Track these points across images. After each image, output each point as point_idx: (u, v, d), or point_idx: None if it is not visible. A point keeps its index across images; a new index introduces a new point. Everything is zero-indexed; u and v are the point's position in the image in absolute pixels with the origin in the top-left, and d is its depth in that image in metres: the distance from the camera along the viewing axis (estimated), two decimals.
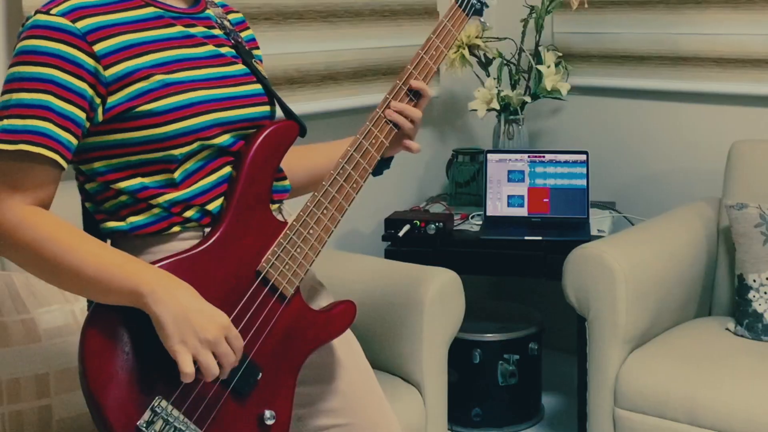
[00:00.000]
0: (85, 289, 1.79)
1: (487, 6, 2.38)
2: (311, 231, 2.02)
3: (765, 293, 3.31)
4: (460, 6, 2.32)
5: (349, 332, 2.23)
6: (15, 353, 2.37)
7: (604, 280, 3.22)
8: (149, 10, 1.94)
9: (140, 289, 1.75)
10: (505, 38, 4.22)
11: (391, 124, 2.16)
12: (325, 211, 2.04)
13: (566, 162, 3.85)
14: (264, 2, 3.55)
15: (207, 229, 1.96)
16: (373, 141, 2.12)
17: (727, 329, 3.40)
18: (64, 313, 2.49)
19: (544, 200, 3.84)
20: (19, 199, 1.79)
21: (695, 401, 3.02)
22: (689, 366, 3.13)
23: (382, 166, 2.26)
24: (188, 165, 1.93)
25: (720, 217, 3.72)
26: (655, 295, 3.34)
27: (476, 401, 3.84)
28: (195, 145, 1.92)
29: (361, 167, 2.10)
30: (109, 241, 1.97)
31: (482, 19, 2.38)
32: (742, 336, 3.33)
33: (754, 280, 3.34)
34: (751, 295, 3.34)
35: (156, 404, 1.79)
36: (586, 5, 4.04)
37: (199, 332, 1.77)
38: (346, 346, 2.23)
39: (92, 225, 1.98)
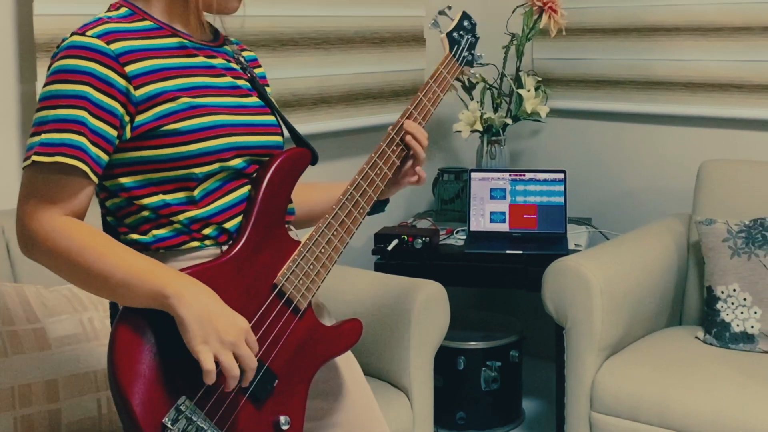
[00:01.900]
0: (114, 293, 1.79)
1: (476, 59, 2.50)
2: (323, 250, 2.03)
3: (732, 304, 3.31)
4: (454, 56, 2.43)
5: (349, 351, 2.23)
6: (27, 360, 2.36)
7: (581, 291, 3.22)
8: (175, 40, 1.95)
9: (166, 291, 1.75)
10: (488, 64, 4.17)
11: (394, 158, 2.19)
12: (335, 233, 2.05)
13: (545, 180, 3.84)
14: (261, 30, 3.56)
15: (224, 247, 1.96)
16: (378, 172, 2.15)
17: (696, 338, 3.40)
18: (72, 323, 2.49)
19: (525, 216, 3.82)
20: (55, 210, 1.80)
21: (667, 405, 3.02)
22: (661, 372, 3.13)
23: (377, 207, 2.28)
24: (207, 184, 1.93)
25: (690, 232, 3.72)
26: (629, 305, 3.33)
27: (461, 405, 3.82)
28: (215, 166, 1.92)
29: (368, 195, 2.12)
30: None
31: (472, 70, 2.48)
32: (710, 344, 3.33)
33: (722, 292, 3.34)
34: (719, 305, 3.34)
35: (181, 403, 1.78)
36: (564, 33, 4.05)
37: (221, 333, 1.76)
38: (348, 363, 2.23)
39: (113, 237, 1.94)
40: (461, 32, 2.49)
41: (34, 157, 1.79)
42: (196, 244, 1.94)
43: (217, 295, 1.81)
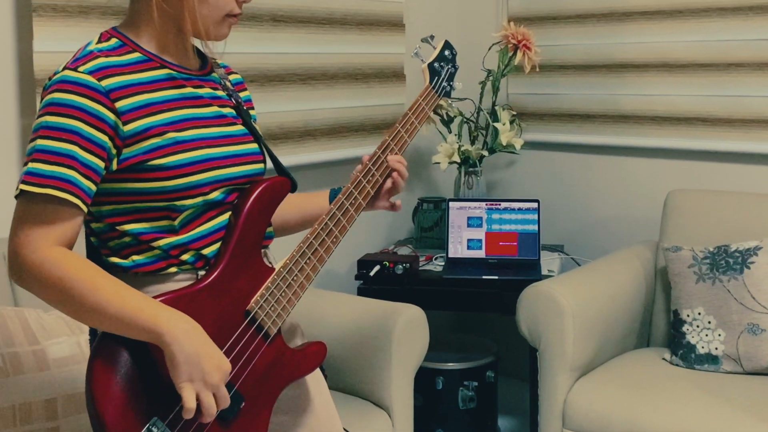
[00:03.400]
0: (107, 325, 1.77)
1: (453, 89, 2.52)
2: (295, 278, 2.02)
3: (697, 327, 3.32)
4: (434, 88, 2.43)
5: (316, 371, 2.24)
6: (27, 380, 2.35)
7: (554, 314, 3.23)
8: (163, 72, 1.93)
9: (160, 329, 1.75)
10: (465, 99, 4.19)
11: (369, 188, 2.20)
12: (308, 261, 2.04)
13: (520, 209, 3.83)
14: (249, 66, 3.55)
15: (201, 272, 1.95)
16: (353, 202, 2.15)
17: (663, 359, 3.41)
18: (70, 345, 2.48)
19: (500, 244, 3.83)
20: (46, 240, 1.77)
21: (635, 423, 3.02)
22: (630, 392, 3.14)
23: None
24: (188, 213, 1.92)
25: (657, 258, 3.72)
26: (599, 328, 3.34)
27: (439, 423, 3.79)
28: (198, 199, 1.91)
29: (341, 224, 2.12)
30: None
31: (450, 100, 2.49)
32: (677, 365, 3.33)
33: (688, 315, 3.35)
34: (685, 328, 3.35)
35: (152, 423, 1.79)
36: (537, 69, 4.06)
37: (206, 376, 1.78)
38: (315, 381, 2.23)
39: (96, 258, 1.95)
40: (442, 63, 2.49)
41: (22, 186, 1.77)
42: (173, 270, 1.94)
43: (204, 330, 1.82)
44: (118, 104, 1.84)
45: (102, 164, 1.83)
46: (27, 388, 2.36)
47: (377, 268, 3.66)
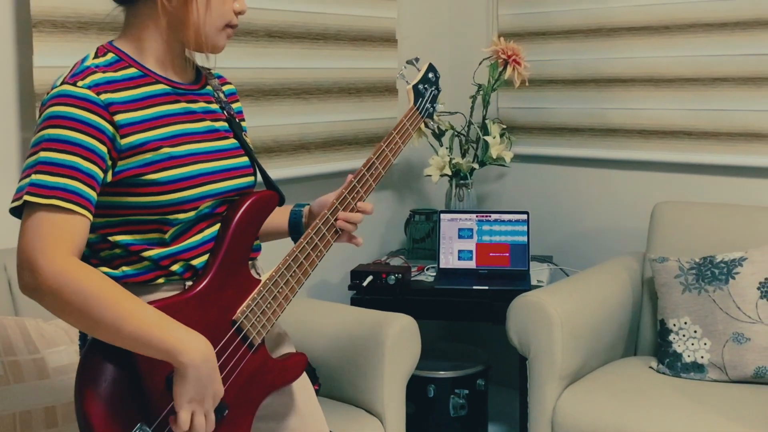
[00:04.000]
0: (122, 341, 1.76)
1: (436, 111, 2.53)
2: (280, 290, 2.04)
3: (683, 336, 3.32)
4: (418, 109, 2.45)
5: (304, 377, 2.25)
6: (27, 388, 2.36)
7: (543, 324, 3.23)
8: (159, 87, 1.94)
9: (178, 349, 1.77)
10: (456, 112, 4.23)
11: (356, 200, 2.22)
12: (293, 274, 2.06)
13: (509, 221, 3.84)
14: (245, 81, 3.56)
15: (188, 283, 1.96)
16: (336, 220, 2.18)
17: (650, 367, 3.41)
18: (69, 354, 2.48)
19: (491, 254, 3.83)
20: (61, 250, 1.74)
21: (623, 430, 3.02)
22: (617, 399, 3.13)
23: None
24: (179, 226, 1.93)
25: (644, 269, 3.73)
26: (588, 337, 3.34)
27: (431, 431, 3.78)
28: (190, 214, 1.93)
29: (326, 239, 2.14)
30: None
31: (432, 122, 2.52)
32: (663, 373, 3.34)
33: (674, 324, 3.36)
34: (671, 337, 3.35)
35: (138, 428, 1.80)
36: (527, 84, 4.05)
37: (205, 400, 1.81)
38: (302, 389, 2.24)
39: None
40: (426, 85, 2.51)
41: (26, 197, 1.75)
42: (161, 280, 1.94)
43: (215, 355, 1.83)
44: (117, 118, 1.85)
45: (101, 174, 1.83)
46: (27, 395, 2.36)
47: (370, 278, 3.67)
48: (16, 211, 1.81)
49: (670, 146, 4.00)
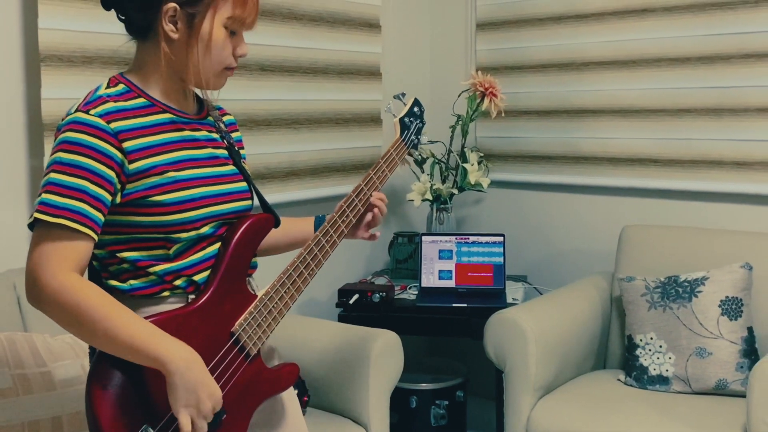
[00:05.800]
0: (116, 350, 1.80)
1: (420, 143, 2.57)
2: (275, 305, 2.07)
3: (649, 350, 3.34)
4: (403, 141, 2.49)
5: (291, 390, 2.27)
6: (35, 399, 2.37)
7: (518, 339, 3.24)
8: (165, 116, 1.96)
9: (164, 358, 1.79)
10: (437, 141, 4.25)
11: (343, 227, 2.25)
12: (287, 290, 2.09)
13: (487, 243, 3.83)
14: (239, 111, 3.57)
15: (191, 296, 1.98)
16: (329, 239, 2.20)
17: (618, 380, 3.43)
18: (75, 367, 2.49)
19: (469, 274, 3.82)
20: (62, 266, 1.78)
21: None
22: (587, 410, 3.15)
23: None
24: (182, 243, 1.96)
25: (613, 287, 3.74)
26: (560, 351, 3.36)
27: None
28: (192, 233, 1.95)
29: (317, 259, 2.16)
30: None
31: (417, 152, 2.54)
32: (630, 385, 3.36)
33: (641, 340, 3.38)
34: (638, 351, 3.37)
35: (143, 429, 1.83)
36: (503, 114, 4.09)
37: (200, 403, 1.82)
38: (289, 400, 2.26)
39: (96, 280, 1.98)
40: (411, 118, 2.53)
41: (37, 215, 1.79)
42: (166, 294, 1.96)
43: (182, 341, 1.85)
44: (125, 144, 1.87)
45: (109, 197, 1.86)
46: (35, 406, 2.37)
47: (356, 296, 3.67)
48: (32, 226, 1.85)
49: (636, 173, 4.00)
